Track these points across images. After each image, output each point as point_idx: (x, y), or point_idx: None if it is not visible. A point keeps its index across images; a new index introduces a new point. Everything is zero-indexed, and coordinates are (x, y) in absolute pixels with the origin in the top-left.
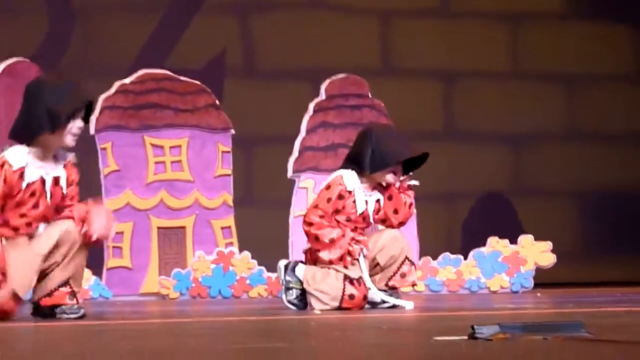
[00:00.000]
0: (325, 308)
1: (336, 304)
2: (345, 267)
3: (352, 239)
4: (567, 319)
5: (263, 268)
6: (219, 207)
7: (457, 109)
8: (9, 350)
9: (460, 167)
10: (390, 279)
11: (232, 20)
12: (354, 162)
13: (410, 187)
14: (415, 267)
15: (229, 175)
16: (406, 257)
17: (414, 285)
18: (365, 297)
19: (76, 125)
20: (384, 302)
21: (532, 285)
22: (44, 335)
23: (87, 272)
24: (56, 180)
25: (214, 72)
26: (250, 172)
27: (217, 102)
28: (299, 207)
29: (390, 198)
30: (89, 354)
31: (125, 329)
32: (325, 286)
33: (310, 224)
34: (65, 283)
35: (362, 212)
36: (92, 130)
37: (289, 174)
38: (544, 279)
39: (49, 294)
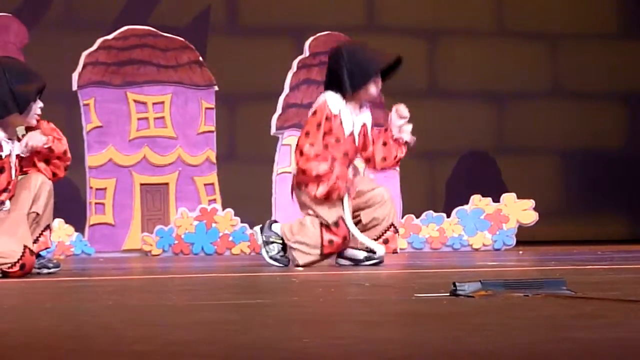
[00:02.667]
0: (309, 260)
1: (317, 251)
2: (330, 203)
3: (338, 177)
4: (549, 276)
5: (246, 225)
6: (202, 163)
7: (441, 68)
8: None
9: (444, 125)
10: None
11: None
12: (334, 84)
13: (406, 143)
14: (398, 233)
15: (212, 132)
16: (392, 224)
17: (394, 252)
18: (345, 238)
19: (38, 105)
20: (366, 259)
21: (515, 243)
22: (25, 291)
23: (70, 229)
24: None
25: (198, 29)
26: (233, 129)
27: (201, 58)
28: (282, 164)
29: (384, 144)
30: (70, 309)
31: (107, 285)
32: (304, 237)
33: (301, 153)
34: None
35: (351, 133)
36: (74, 86)
37: (272, 130)
38: (526, 237)
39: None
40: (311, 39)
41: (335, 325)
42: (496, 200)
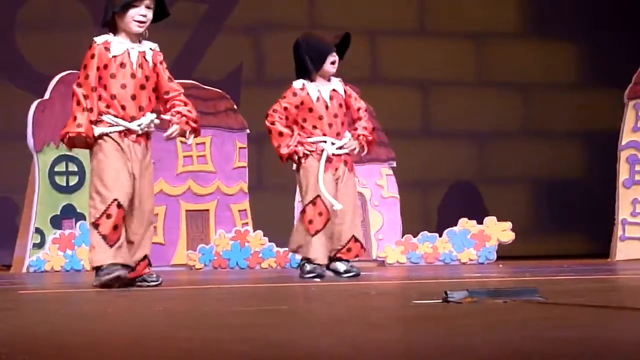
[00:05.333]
0: (307, 247)
1: (309, 237)
2: (298, 165)
3: (299, 142)
4: (524, 285)
5: (273, 244)
6: (236, 193)
7: (432, 112)
8: (63, 312)
9: (435, 160)
10: (338, 252)
11: (247, 39)
12: (300, 73)
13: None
14: (360, 244)
15: (245, 167)
16: (353, 235)
17: (356, 256)
18: (320, 214)
19: (140, 12)
20: (345, 272)
21: (495, 258)
22: (90, 299)
23: None
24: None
25: (233, 82)
26: (262, 164)
27: (235, 106)
28: None
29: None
30: (131, 313)
31: (158, 294)
32: (295, 239)
33: (266, 116)
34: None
35: (318, 98)
36: None
37: (294, 166)
38: (505, 253)
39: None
40: None
41: (345, 327)
42: (480, 222)
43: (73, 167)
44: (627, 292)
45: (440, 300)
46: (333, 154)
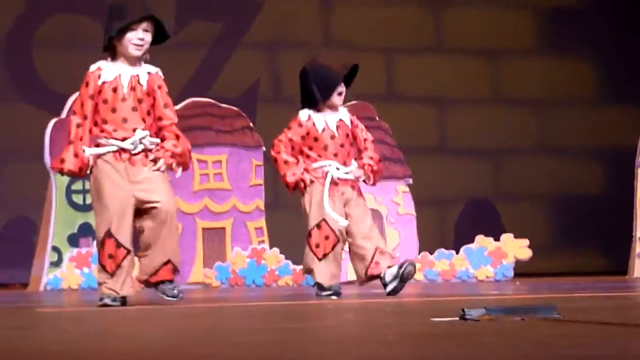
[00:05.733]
0: (317, 270)
1: (316, 261)
2: (302, 193)
3: (305, 169)
4: (541, 303)
5: (289, 262)
6: (252, 211)
7: (448, 129)
8: (75, 330)
9: (451, 177)
10: (367, 268)
11: (263, 56)
12: (307, 102)
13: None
14: (389, 255)
15: (261, 185)
16: (377, 247)
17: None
18: (327, 237)
19: (137, 36)
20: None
21: (512, 275)
22: (106, 317)
23: None
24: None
25: (249, 99)
26: (278, 182)
27: (251, 124)
28: None
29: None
30: (148, 332)
31: (176, 312)
32: (306, 262)
33: (272, 146)
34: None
35: (324, 129)
36: None
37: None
38: (522, 270)
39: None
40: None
41: (362, 345)
42: (497, 239)
43: (89, 186)
44: None
45: (458, 318)
46: (338, 178)
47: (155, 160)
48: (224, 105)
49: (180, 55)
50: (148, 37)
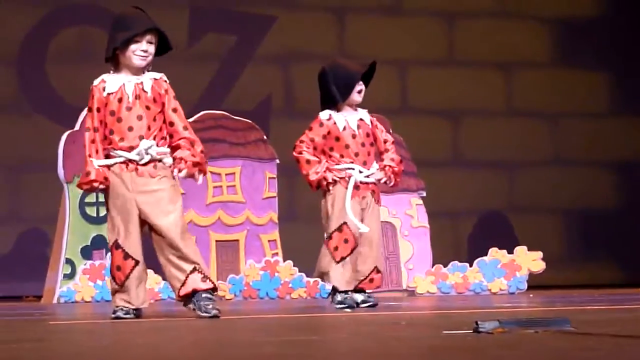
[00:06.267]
0: (332, 273)
1: (333, 264)
2: (327, 190)
3: (327, 168)
4: (555, 315)
5: (303, 274)
6: (266, 223)
7: (462, 142)
8: (87, 343)
9: (465, 189)
10: (360, 282)
11: (277, 69)
12: (327, 102)
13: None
14: (381, 274)
15: (274, 197)
16: (376, 266)
17: (377, 287)
18: (346, 241)
19: (141, 48)
20: (363, 302)
21: (526, 287)
22: (119, 329)
23: (158, 278)
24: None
25: (262, 112)
26: (292, 194)
27: (265, 137)
28: None
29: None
30: (161, 344)
31: (189, 325)
32: (321, 265)
33: (294, 148)
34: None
35: (345, 127)
36: None
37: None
38: (535, 282)
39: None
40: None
41: (376, 357)
42: (510, 252)
43: (103, 198)
44: None
45: (471, 331)
46: (361, 182)
47: (179, 170)
48: (237, 117)
49: (195, 67)
50: (152, 49)
